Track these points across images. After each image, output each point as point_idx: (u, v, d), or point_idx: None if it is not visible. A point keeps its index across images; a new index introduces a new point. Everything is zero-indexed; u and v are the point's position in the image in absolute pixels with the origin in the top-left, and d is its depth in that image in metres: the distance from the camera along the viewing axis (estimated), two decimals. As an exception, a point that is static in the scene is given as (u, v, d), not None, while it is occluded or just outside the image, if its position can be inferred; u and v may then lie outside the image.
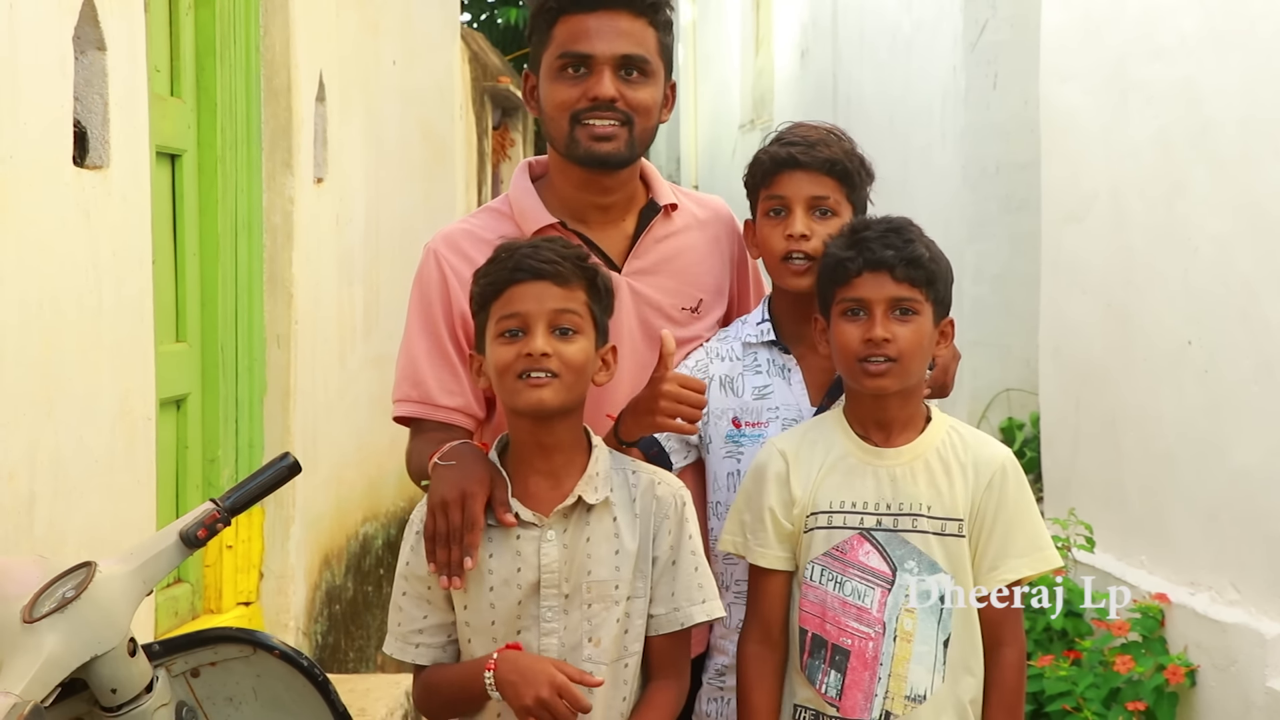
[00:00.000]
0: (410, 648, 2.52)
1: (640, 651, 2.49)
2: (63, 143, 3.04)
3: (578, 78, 2.68)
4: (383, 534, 6.06)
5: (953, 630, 2.54)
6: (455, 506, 2.42)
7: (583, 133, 2.68)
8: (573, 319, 2.42)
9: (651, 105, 2.71)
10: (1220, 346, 4.56)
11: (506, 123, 14.36)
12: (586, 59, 2.67)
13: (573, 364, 2.41)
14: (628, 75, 2.68)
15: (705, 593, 2.50)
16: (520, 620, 2.44)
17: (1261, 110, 4.36)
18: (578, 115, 2.67)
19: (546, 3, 2.72)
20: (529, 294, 2.41)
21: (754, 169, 2.82)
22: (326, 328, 5.12)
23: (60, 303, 3.01)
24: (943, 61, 7.77)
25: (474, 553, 2.41)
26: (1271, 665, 4.25)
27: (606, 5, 2.68)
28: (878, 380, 2.53)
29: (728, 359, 2.80)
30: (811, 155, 2.74)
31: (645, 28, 2.71)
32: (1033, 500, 2.63)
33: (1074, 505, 5.31)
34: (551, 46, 2.71)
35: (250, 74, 4.45)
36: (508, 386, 2.42)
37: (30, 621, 2.07)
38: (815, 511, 2.57)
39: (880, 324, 2.51)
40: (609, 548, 2.45)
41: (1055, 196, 5.77)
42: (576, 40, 2.68)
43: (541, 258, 2.42)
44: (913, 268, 2.52)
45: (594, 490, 2.45)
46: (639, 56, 2.69)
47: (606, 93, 2.66)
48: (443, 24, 7.75)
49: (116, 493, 3.26)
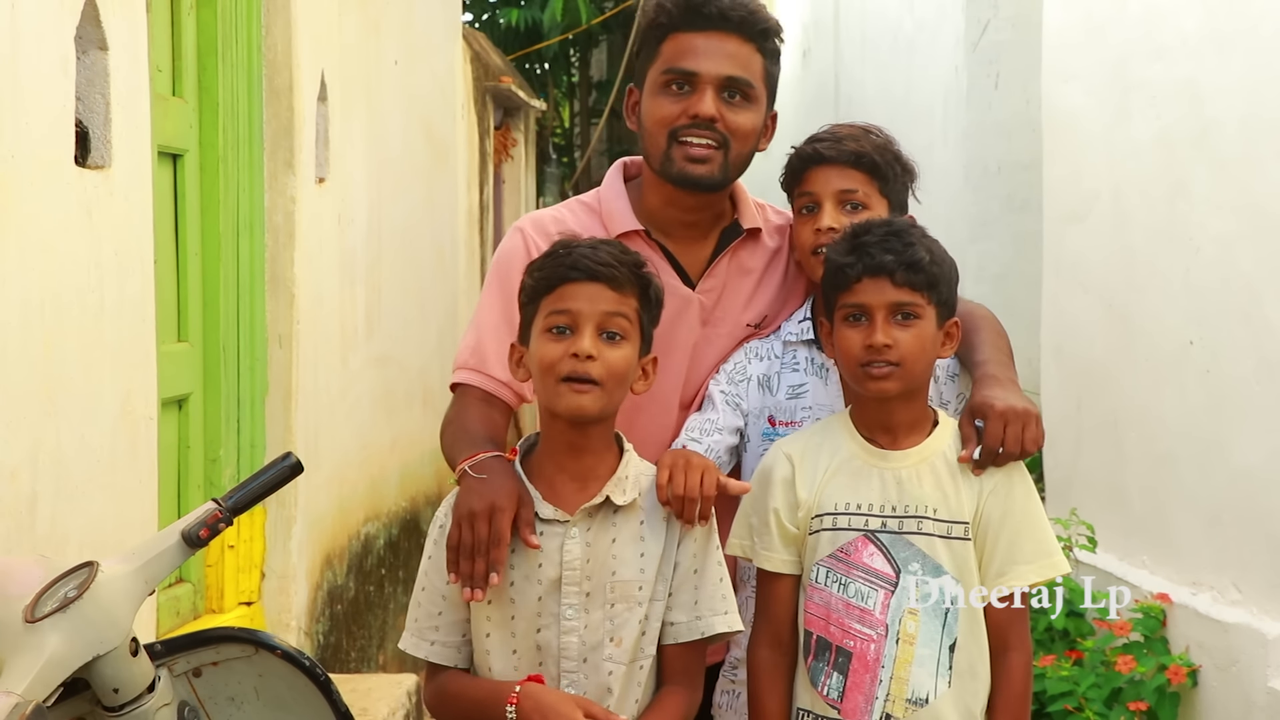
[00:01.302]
0: (425, 644, 2.51)
1: (654, 655, 2.48)
2: (64, 142, 3.04)
3: (681, 95, 2.70)
4: (384, 534, 6.06)
5: (959, 635, 2.52)
6: (483, 520, 2.40)
7: (679, 152, 2.69)
8: (621, 324, 2.42)
9: (750, 130, 2.73)
10: (1222, 346, 4.56)
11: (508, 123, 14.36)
12: (691, 76, 2.69)
13: (615, 370, 2.41)
14: (730, 97, 2.70)
15: (727, 604, 2.50)
16: (540, 618, 2.44)
17: (1263, 110, 4.36)
18: (676, 132, 2.69)
19: (658, 18, 2.74)
20: (582, 293, 2.41)
21: (786, 170, 2.83)
22: (328, 327, 5.12)
23: (62, 302, 3.01)
24: (944, 61, 7.78)
25: (500, 569, 2.39)
26: (1273, 665, 4.24)
27: (717, 26, 2.70)
28: (880, 384, 2.52)
29: (766, 358, 2.81)
30: (837, 150, 2.75)
31: (753, 53, 2.72)
32: (1040, 505, 2.62)
33: (1076, 505, 5.31)
34: (658, 62, 2.73)
35: (252, 74, 4.45)
36: (549, 387, 2.42)
37: (32, 621, 2.07)
38: (821, 513, 2.57)
39: (881, 330, 2.50)
40: (635, 549, 2.45)
41: (1057, 196, 5.77)
42: (683, 57, 2.70)
43: (599, 259, 2.42)
44: (913, 272, 2.51)
45: (622, 492, 2.45)
46: (743, 79, 2.70)
47: (707, 111, 2.67)
48: (444, 24, 7.76)
49: (118, 492, 3.26)
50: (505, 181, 14.56)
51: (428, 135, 7.07)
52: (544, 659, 2.44)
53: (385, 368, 6.01)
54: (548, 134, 20.07)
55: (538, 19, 19.29)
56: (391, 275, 6.11)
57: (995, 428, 2.55)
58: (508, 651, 2.45)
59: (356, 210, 5.53)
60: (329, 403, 5.10)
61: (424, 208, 6.88)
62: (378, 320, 5.87)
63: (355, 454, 5.56)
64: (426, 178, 7.02)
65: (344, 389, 5.34)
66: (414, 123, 6.73)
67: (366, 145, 5.71)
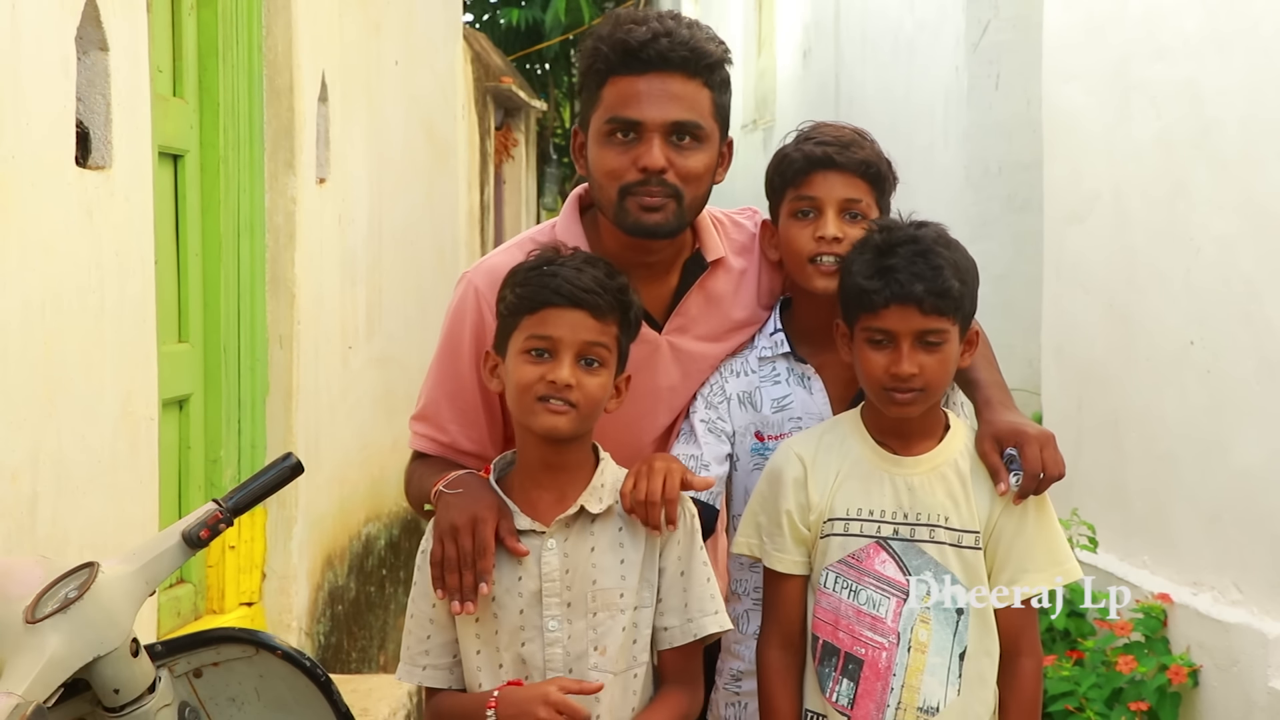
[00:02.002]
0: (418, 670, 2.50)
1: (648, 662, 2.48)
2: (65, 143, 3.04)
3: (627, 144, 2.55)
4: (385, 534, 6.06)
5: (969, 643, 2.51)
6: (466, 532, 2.38)
7: (631, 203, 2.56)
8: (601, 352, 2.40)
9: (703, 173, 2.59)
10: (1222, 346, 4.56)
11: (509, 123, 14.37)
12: (636, 125, 2.54)
13: (593, 397, 2.39)
14: (680, 140, 2.56)
15: (716, 603, 2.49)
16: (524, 632, 2.42)
17: (1264, 111, 4.36)
18: (627, 187, 2.56)
19: (595, 63, 2.59)
20: (564, 320, 2.38)
21: (782, 168, 2.69)
22: (329, 328, 5.13)
23: (63, 303, 3.01)
24: (945, 62, 7.78)
25: (488, 578, 2.38)
26: (1274, 665, 4.24)
27: (658, 67, 2.54)
28: (904, 409, 2.50)
29: (743, 374, 2.74)
30: (847, 156, 2.65)
31: (699, 89, 2.57)
32: (1053, 512, 2.59)
33: (1076, 505, 5.31)
34: (600, 109, 2.58)
35: (253, 74, 4.45)
36: (525, 405, 2.40)
37: (33, 622, 2.07)
38: (832, 518, 2.55)
39: (907, 358, 2.45)
40: (614, 557, 2.44)
41: (1057, 196, 5.76)
42: (625, 105, 2.54)
43: (583, 284, 2.38)
44: (942, 299, 2.45)
45: (598, 500, 2.44)
46: (691, 122, 2.56)
47: (656, 163, 2.53)
48: (445, 24, 7.76)
49: (119, 493, 3.26)
50: (506, 181, 14.57)
51: (428, 135, 7.08)
52: (529, 672, 2.42)
53: (386, 368, 6.01)
54: (548, 134, 20.08)
55: (538, 19, 19.31)
56: (392, 275, 6.11)
57: (1033, 453, 2.52)
58: (494, 666, 2.44)
59: (357, 210, 5.54)
60: (329, 403, 5.10)
61: (424, 208, 6.88)
62: (378, 320, 5.87)
63: (356, 454, 5.56)
64: (427, 178, 7.02)
65: (345, 389, 5.34)
66: (414, 123, 6.73)
67: (367, 145, 5.71)
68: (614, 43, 2.56)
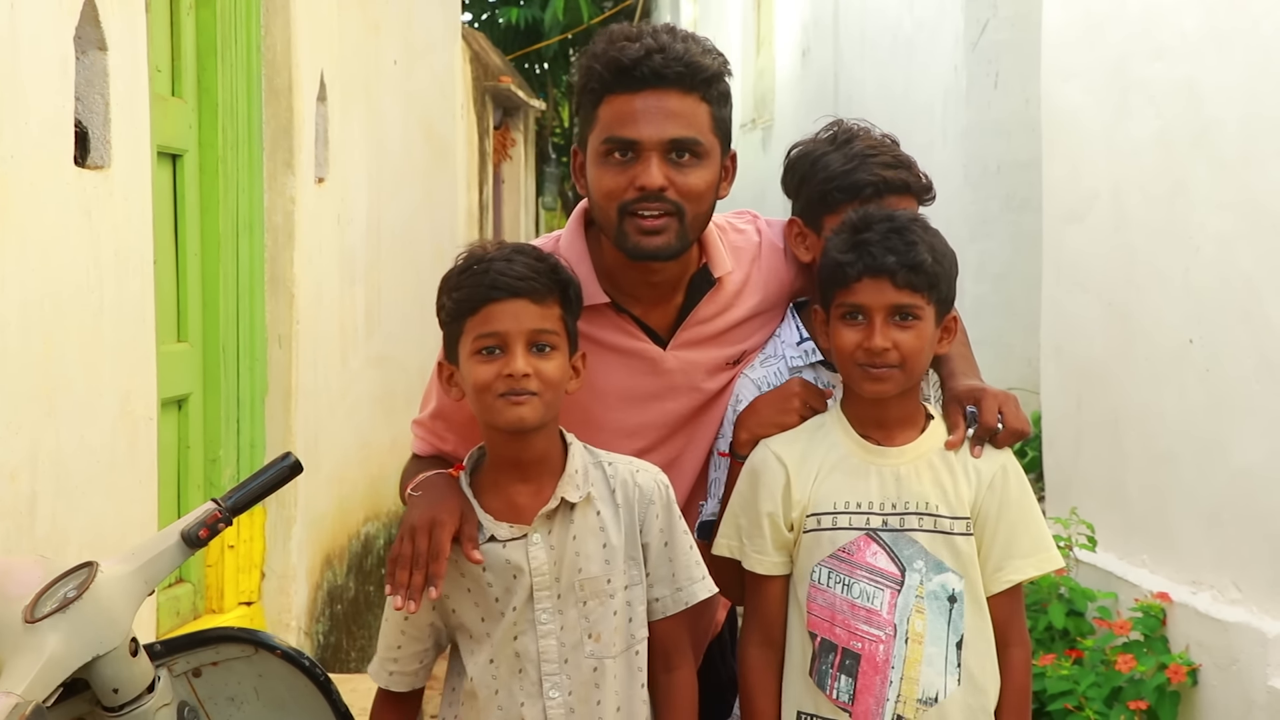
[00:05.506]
0: (385, 674, 2.52)
1: (647, 636, 2.49)
2: (64, 143, 3.04)
3: (625, 163, 2.52)
4: (384, 534, 6.06)
5: (965, 632, 2.51)
6: (423, 533, 2.39)
7: (631, 225, 2.53)
8: (550, 337, 2.40)
9: (704, 189, 2.55)
10: (1222, 345, 4.56)
11: (508, 122, 14.37)
12: (633, 144, 2.51)
13: (551, 381, 2.39)
14: (679, 158, 2.52)
15: (702, 569, 2.51)
16: (516, 626, 2.43)
17: (1263, 109, 4.36)
18: (625, 206, 2.52)
19: (590, 82, 2.55)
20: (506, 313, 2.38)
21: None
22: (328, 327, 5.13)
23: (61, 303, 3.01)
24: (944, 60, 7.78)
25: (439, 583, 2.37)
26: (1273, 664, 4.24)
27: (653, 84, 2.50)
28: (878, 386, 2.50)
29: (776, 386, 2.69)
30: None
31: (697, 104, 2.53)
32: (1034, 499, 2.61)
33: (1075, 504, 5.31)
34: (597, 129, 2.54)
35: (251, 74, 4.45)
36: (486, 404, 2.40)
37: (32, 621, 2.07)
38: (819, 512, 2.54)
39: (880, 332, 2.45)
40: (596, 542, 2.44)
41: (1056, 195, 5.76)
42: (622, 124, 2.51)
43: (517, 273, 2.38)
44: (914, 273, 2.46)
45: (575, 489, 2.44)
46: (689, 139, 2.52)
47: (654, 182, 2.50)
48: (444, 24, 7.76)
49: (118, 493, 3.26)
50: (504, 181, 14.57)
51: (427, 135, 7.08)
52: (523, 665, 2.43)
53: (385, 367, 6.01)
54: (547, 134, 20.08)
55: (538, 18, 19.30)
56: (391, 275, 6.11)
57: (990, 406, 2.54)
58: (484, 661, 2.45)
59: (356, 210, 5.54)
60: (329, 402, 5.10)
61: (423, 207, 6.88)
62: (377, 320, 5.88)
63: (355, 454, 5.56)
64: (426, 178, 7.02)
65: (344, 389, 5.35)
66: (413, 123, 6.73)
67: (366, 145, 5.71)
68: (608, 61, 2.54)
